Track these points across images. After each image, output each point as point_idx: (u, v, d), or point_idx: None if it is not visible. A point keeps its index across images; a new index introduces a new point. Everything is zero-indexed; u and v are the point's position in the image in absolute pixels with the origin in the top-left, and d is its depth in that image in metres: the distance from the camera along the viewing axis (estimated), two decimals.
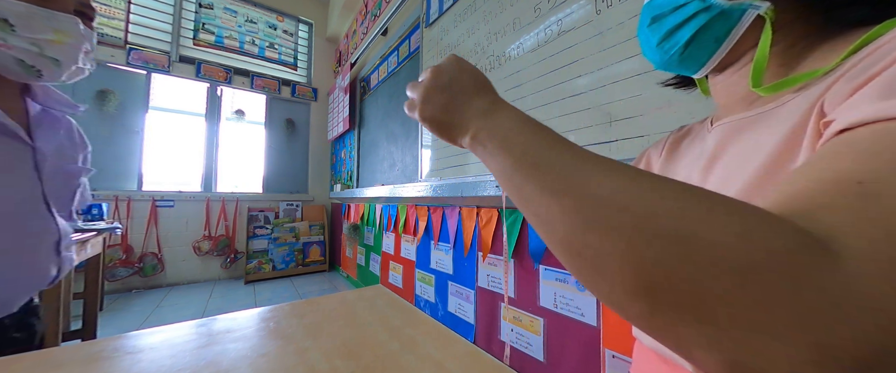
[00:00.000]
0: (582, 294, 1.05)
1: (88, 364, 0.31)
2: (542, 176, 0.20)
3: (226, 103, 3.45)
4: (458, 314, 1.67)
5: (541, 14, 1.20)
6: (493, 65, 1.43)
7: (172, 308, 2.48)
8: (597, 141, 0.94)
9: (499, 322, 1.40)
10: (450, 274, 1.73)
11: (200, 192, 3.27)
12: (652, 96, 0.80)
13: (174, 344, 0.35)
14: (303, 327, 0.39)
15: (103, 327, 1.99)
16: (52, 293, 1.27)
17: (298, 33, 3.97)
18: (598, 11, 0.98)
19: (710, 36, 0.29)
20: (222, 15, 3.45)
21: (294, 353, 0.33)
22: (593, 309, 1.01)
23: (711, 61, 0.31)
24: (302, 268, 3.48)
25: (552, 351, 1.17)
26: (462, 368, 0.30)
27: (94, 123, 2.79)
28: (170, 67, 3.09)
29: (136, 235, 2.92)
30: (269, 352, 0.33)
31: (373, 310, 0.45)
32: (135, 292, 2.85)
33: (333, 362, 0.31)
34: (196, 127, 3.31)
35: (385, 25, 2.54)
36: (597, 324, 1.00)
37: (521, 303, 1.30)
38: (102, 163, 2.82)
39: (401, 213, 2.11)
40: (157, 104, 3.10)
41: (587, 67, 0.99)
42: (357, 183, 3.13)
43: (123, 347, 0.34)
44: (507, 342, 1.31)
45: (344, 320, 0.42)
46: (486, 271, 1.48)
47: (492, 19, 1.44)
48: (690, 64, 0.33)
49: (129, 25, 2.96)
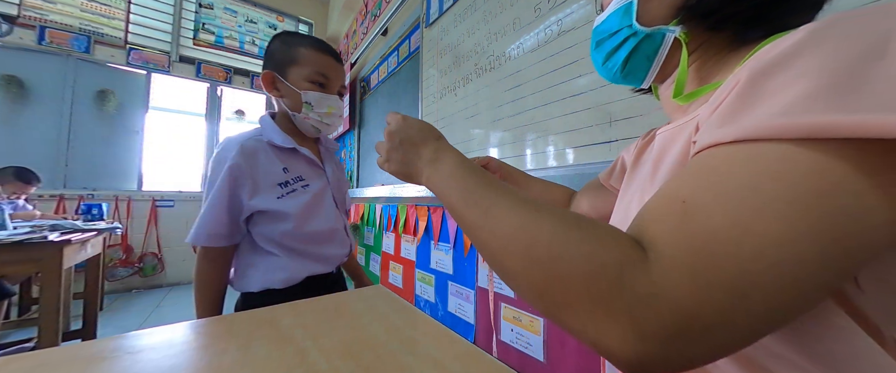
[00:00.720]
0: None
1: (88, 364, 0.31)
2: (471, 213, 0.27)
3: (226, 103, 3.45)
4: (458, 314, 1.67)
5: (541, 14, 1.20)
6: (493, 65, 1.43)
7: (172, 308, 2.48)
8: (597, 141, 0.94)
9: (499, 322, 1.40)
10: (450, 274, 1.73)
11: (200, 192, 3.27)
12: (651, 97, 0.80)
13: (174, 344, 0.35)
14: (303, 327, 0.39)
15: (103, 327, 1.99)
16: (52, 293, 1.27)
17: None
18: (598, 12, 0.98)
19: (642, 55, 0.34)
20: (222, 15, 3.45)
21: (294, 353, 0.33)
22: None
23: (649, 76, 0.36)
24: None
25: (552, 351, 1.17)
26: (462, 368, 0.30)
27: (93, 124, 2.80)
28: (170, 67, 3.09)
29: (136, 235, 2.92)
30: (269, 352, 0.33)
31: (373, 310, 0.45)
32: (135, 292, 2.85)
33: (333, 362, 0.31)
34: (196, 127, 3.31)
35: (385, 25, 2.54)
36: None
37: (521, 303, 1.30)
38: (102, 163, 2.83)
39: (401, 213, 2.11)
40: (157, 104, 3.10)
41: (587, 67, 0.99)
42: (357, 183, 3.13)
43: (123, 347, 0.34)
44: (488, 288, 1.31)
45: (344, 320, 0.42)
46: (485, 271, 1.48)
47: (492, 19, 1.44)
48: (632, 78, 0.38)
49: (129, 25, 2.96)
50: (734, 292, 0.16)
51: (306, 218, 0.70)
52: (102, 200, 2.69)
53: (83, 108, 2.75)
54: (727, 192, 0.17)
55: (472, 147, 1.58)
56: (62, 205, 2.61)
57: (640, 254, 0.18)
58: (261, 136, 0.71)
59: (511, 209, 0.24)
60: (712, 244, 0.16)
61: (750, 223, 0.16)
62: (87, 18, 2.79)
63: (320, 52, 0.72)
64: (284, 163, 0.71)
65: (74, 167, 2.71)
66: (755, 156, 0.17)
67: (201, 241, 0.65)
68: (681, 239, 0.17)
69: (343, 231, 0.80)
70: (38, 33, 2.57)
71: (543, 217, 0.22)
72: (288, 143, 0.70)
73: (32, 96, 2.57)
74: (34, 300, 2.06)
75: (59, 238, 1.31)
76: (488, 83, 1.45)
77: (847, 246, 0.15)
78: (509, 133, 1.32)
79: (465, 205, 0.28)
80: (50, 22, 2.64)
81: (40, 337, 1.29)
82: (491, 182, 0.28)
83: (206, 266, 0.67)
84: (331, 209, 0.77)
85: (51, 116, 2.62)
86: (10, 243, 1.19)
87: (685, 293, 0.16)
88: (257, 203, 0.66)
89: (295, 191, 0.70)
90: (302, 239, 0.70)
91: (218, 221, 0.65)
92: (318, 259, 0.73)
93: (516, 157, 1.31)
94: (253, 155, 0.67)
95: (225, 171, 0.64)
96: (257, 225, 0.69)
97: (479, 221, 0.25)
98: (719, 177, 0.18)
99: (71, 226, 1.54)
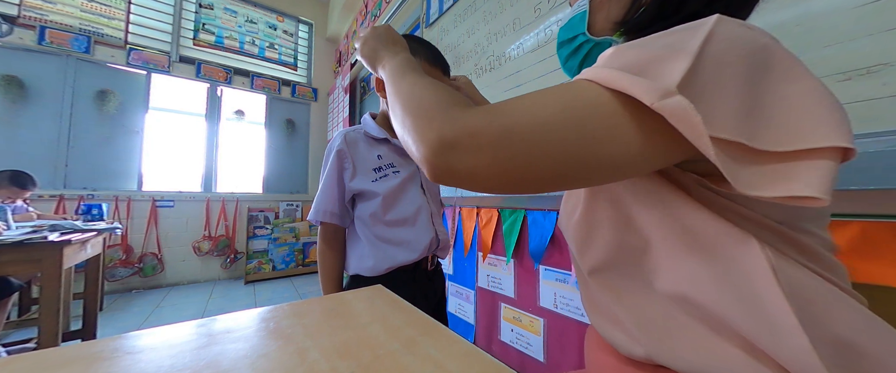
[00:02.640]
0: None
1: (88, 364, 0.31)
2: (396, 84, 0.36)
3: (226, 103, 3.45)
4: (458, 314, 1.67)
5: (541, 14, 1.20)
6: (493, 65, 1.43)
7: (172, 308, 2.48)
8: None
9: (499, 322, 1.40)
10: (450, 274, 1.73)
11: (200, 192, 3.27)
12: None
13: (174, 344, 0.35)
14: (303, 327, 0.39)
15: (103, 327, 1.99)
16: (52, 293, 1.27)
17: (298, 33, 3.97)
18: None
19: (595, 57, 0.39)
20: (222, 15, 3.46)
21: (294, 353, 0.33)
22: None
23: None
24: (302, 268, 3.48)
25: (552, 351, 1.17)
26: (462, 368, 0.30)
27: (94, 123, 2.80)
28: (170, 67, 3.09)
29: (136, 235, 2.92)
30: (269, 352, 0.33)
31: (373, 310, 0.45)
32: (135, 292, 2.85)
33: (333, 362, 0.31)
34: (196, 127, 3.31)
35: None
36: None
37: (521, 303, 1.30)
38: (102, 163, 2.82)
39: None
40: (157, 104, 3.09)
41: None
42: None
43: (123, 347, 0.34)
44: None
45: (344, 319, 0.42)
46: (486, 271, 1.48)
47: (492, 20, 1.44)
48: None
49: (130, 25, 2.96)
50: (504, 128, 0.24)
51: (393, 199, 0.78)
52: (102, 201, 2.69)
53: (83, 108, 2.75)
54: (541, 92, 0.26)
55: None
56: (62, 205, 2.61)
57: (467, 110, 0.27)
58: (361, 128, 0.82)
59: (416, 82, 0.34)
60: (509, 103, 0.26)
61: (536, 101, 0.25)
62: (87, 18, 2.79)
63: (433, 65, 0.75)
64: (378, 151, 0.80)
65: (74, 167, 2.71)
66: (568, 83, 0.27)
67: (319, 217, 0.76)
68: (494, 104, 0.26)
69: (429, 216, 0.82)
70: (38, 33, 2.57)
71: (429, 84, 0.33)
72: (380, 133, 0.80)
73: (32, 96, 2.57)
74: (34, 300, 2.06)
75: (59, 238, 1.31)
76: (488, 83, 1.45)
77: (589, 139, 0.24)
78: None
79: (396, 79, 0.37)
80: (50, 22, 2.63)
81: (40, 337, 1.29)
82: (417, 71, 0.38)
83: (324, 247, 0.78)
84: (417, 194, 0.82)
85: (51, 116, 2.62)
86: (11, 243, 1.19)
87: (475, 122, 0.25)
88: (356, 184, 0.76)
89: (386, 176, 0.78)
90: (387, 221, 0.77)
91: (330, 199, 0.76)
92: (401, 243, 0.77)
93: None
94: (354, 143, 0.78)
95: (334, 155, 0.76)
96: (356, 207, 0.79)
97: (399, 92, 0.34)
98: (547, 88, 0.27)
99: (71, 226, 1.54)
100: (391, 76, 0.39)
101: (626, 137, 0.23)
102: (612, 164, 0.24)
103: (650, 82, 0.22)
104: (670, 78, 0.22)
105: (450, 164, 0.25)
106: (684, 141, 0.22)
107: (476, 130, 0.24)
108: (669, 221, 0.29)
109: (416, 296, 0.64)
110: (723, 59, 0.23)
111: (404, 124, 0.30)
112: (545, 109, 0.24)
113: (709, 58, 0.22)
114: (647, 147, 0.24)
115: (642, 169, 0.26)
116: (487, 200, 1.45)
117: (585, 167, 0.24)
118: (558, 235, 1.13)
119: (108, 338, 0.36)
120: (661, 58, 0.23)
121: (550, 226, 1.14)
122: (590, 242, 0.36)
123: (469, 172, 0.25)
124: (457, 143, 0.25)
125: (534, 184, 0.25)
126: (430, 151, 0.26)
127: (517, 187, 0.26)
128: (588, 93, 0.25)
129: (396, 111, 0.32)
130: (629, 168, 0.25)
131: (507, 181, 0.25)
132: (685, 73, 0.22)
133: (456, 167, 0.25)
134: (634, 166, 0.25)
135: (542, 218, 1.18)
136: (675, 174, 0.29)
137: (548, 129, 0.24)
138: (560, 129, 0.24)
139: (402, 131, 0.30)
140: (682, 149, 0.24)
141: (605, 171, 0.25)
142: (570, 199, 0.41)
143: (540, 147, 0.24)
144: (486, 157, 0.24)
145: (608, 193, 0.33)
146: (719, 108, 0.22)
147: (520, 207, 1.28)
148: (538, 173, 0.24)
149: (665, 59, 0.23)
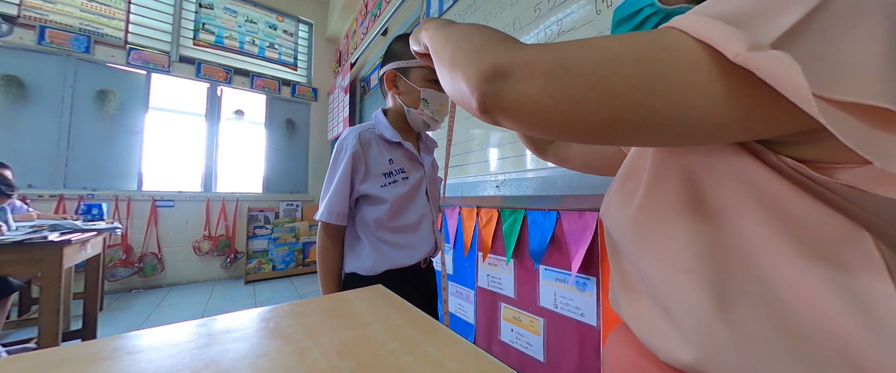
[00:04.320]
0: (582, 294, 1.05)
1: (88, 364, 0.31)
2: (445, 34, 0.33)
3: (226, 103, 3.45)
4: (458, 314, 1.67)
5: (541, 14, 1.20)
6: None
7: (172, 308, 2.48)
8: None
9: (499, 322, 1.40)
10: (450, 274, 1.73)
11: (200, 192, 3.27)
12: None
13: (174, 344, 0.35)
14: (303, 327, 0.39)
15: (103, 327, 1.99)
16: (52, 293, 1.27)
17: (298, 33, 3.97)
18: (598, 11, 0.98)
19: None
20: (222, 15, 3.45)
21: (294, 353, 0.33)
22: (593, 309, 1.01)
23: None
24: (302, 268, 3.48)
25: (552, 351, 1.17)
26: (462, 368, 0.30)
27: (94, 123, 2.80)
28: (170, 67, 3.09)
29: (136, 235, 2.92)
30: (269, 352, 0.33)
31: (373, 310, 0.45)
32: (135, 292, 2.85)
33: (333, 362, 0.31)
34: (196, 127, 3.31)
35: (385, 25, 2.54)
36: (597, 324, 1.00)
37: (521, 303, 1.30)
38: (102, 163, 2.82)
39: None
40: (157, 104, 3.09)
41: None
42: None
43: (123, 347, 0.34)
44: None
45: (344, 320, 0.42)
46: (486, 271, 1.48)
47: (492, 19, 1.44)
48: None
49: (129, 25, 2.96)
50: (561, 57, 0.22)
51: (400, 207, 0.77)
52: (102, 200, 2.69)
53: (83, 108, 2.75)
54: (616, 35, 0.23)
55: (472, 147, 1.58)
56: (62, 205, 2.61)
57: (520, 48, 0.25)
58: (373, 129, 0.79)
59: (467, 27, 0.32)
60: (573, 41, 0.23)
61: (607, 40, 0.23)
62: (87, 18, 2.78)
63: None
64: (390, 155, 0.79)
65: (74, 167, 2.71)
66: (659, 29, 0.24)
67: (331, 219, 0.73)
68: (545, 47, 0.24)
69: (430, 224, 0.83)
70: (38, 33, 2.57)
71: (481, 26, 0.31)
72: (395, 137, 0.78)
73: (32, 96, 2.57)
74: (34, 300, 2.06)
75: (59, 238, 1.31)
76: None
77: (656, 82, 0.21)
78: (509, 133, 1.32)
79: (445, 30, 0.34)
80: (50, 22, 2.63)
81: (40, 337, 1.29)
82: (463, 27, 0.35)
83: (328, 243, 0.76)
84: (422, 201, 0.82)
85: (51, 115, 2.62)
86: (11, 243, 1.19)
87: (532, 52, 0.23)
88: (365, 188, 0.75)
89: (396, 182, 0.77)
90: (391, 227, 0.77)
91: (343, 201, 0.74)
92: (402, 247, 0.77)
93: (516, 156, 1.31)
94: (368, 144, 0.77)
95: (348, 156, 0.74)
96: (358, 209, 0.78)
97: (447, 33, 0.33)
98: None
99: (71, 226, 1.54)
100: (438, 29, 0.35)
101: (703, 91, 0.20)
102: (678, 119, 0.21)
103: (741, 32, 0.19)
104: (772, 31, 0.19)
105: (500, 91, 0.23)
106: (783, 108, 0.19)
107: (531, 59, 0.23)
108: (772, 216, 0.24)
109: (410, 292, 0.64)
110: (859, 9, 0.18)
111: (455, 62, 0.28)
112: (614, 46, 0.22)
113: (835, 5, 0.18)
114: (730, 109, 0.20)
115: (717, 136, 0.22)
116: (487, 200, 1.45)
117: (645, 115, 0.21)
118: (558, 234, 1.13)
119: (108, 338, 0.36)
120: (770, 6, 0.20)
121: (550, 226, 1.14)
122: (654, 236, 0.30)
123: (517, 101, 0.23)
124: (510, 70, 0.23)
125: (582, 126, 0.23)
126: (480, 76, 0.24)
127: (564, 128, 0.23)
128: (669, 38, 0.22)
129: (444, 57, 0.30)
130: (698, 130, 0.21)
131: (555, 117, 0.23)
132: (794, 23, 0.18)
133: (505, 95, 0.23)
134: (706, 130, 0.21)
135: (542, 218, 1.17)
136: (769, 159, 0.24)
137: (611, 62, 0.21)
138: (625, 64, 0.21)
139: (452, 71, 0.28)
140: (777, 118, 0.20)
141: (670, 127, 0.22)
142: (628, 183, 0.35)
143: (597, 80, 0.21)
144: (537, 85, 0.22)
145: (682, 173, 0.28)
146: (850, 64, 0.18)
147: (520, 208, 1.28)
148: (590, 112, 0.22)
149: (774, 7, 0.19)
